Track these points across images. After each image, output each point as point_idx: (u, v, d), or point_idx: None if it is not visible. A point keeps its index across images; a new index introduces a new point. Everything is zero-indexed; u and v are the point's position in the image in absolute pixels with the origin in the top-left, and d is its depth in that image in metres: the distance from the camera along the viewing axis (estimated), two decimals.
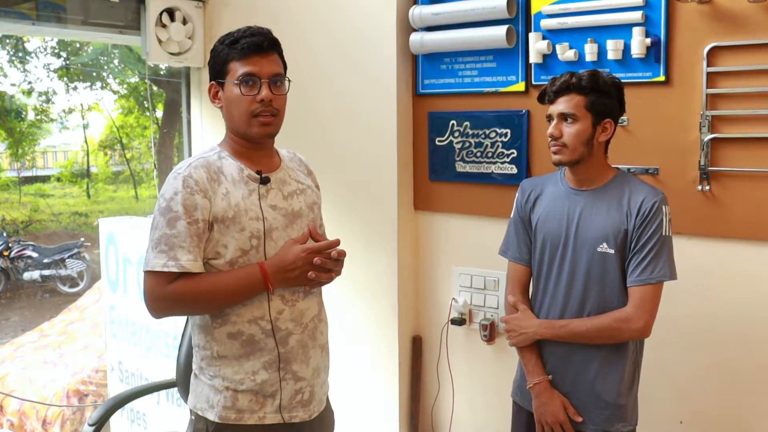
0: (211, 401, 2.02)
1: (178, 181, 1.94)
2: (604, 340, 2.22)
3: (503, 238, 2.50)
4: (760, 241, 2.51)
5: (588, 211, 2.24)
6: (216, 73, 2.03)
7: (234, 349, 2.00)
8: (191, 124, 4.13)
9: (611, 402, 2.23)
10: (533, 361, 2.34)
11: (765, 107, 2.46)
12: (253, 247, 1.98)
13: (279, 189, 2.06)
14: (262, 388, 2.01)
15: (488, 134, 3.07)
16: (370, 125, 3.31)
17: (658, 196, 2.19)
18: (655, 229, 2.15)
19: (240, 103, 1.98)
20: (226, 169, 2.01)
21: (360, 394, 3.46)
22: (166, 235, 1.91)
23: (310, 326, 2.08)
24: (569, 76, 2.20)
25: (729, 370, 2.61)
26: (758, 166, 2.48)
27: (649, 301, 2.16)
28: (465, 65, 3.12)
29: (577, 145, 2.20)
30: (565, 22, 2.80)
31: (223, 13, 3.84)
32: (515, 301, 2.41)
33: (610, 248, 2.19)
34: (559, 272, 2.30)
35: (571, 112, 2.19)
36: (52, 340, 6.53)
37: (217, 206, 1.94)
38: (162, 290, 1.92)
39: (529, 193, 2.41)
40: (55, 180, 18.09)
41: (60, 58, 14.73)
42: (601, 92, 2.20)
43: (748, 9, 2.44)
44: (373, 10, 3.25)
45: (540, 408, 2.31)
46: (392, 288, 3.30)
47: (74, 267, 11.43)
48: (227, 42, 2.00)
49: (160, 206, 1.95)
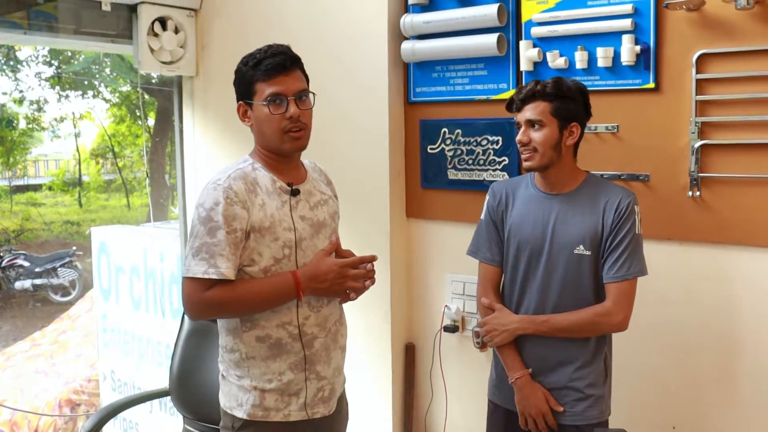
0: (240, 400, 2.14)
1: (219, 192, 2.03)
2: (584, 334, 2.32)
3: (472, 239, 2.56)
4: (750, 246, 2.52)
5: (563, 216, 2.32)
6: (243, 93, 2.14)
7: (262, 351, 2.12)
8: (183, 132, 4.13)
9: (589, 393, 2.32)
10: (512, 356, 2.41)
11: (754, 113, 2.47)
12: (285, 256, 2.10)
13: (306, 200, 2.19)
14: (288, 387, 2.14)
15: (480, 142, 3.08)
16: (363, 133, 3.31)
17: (630, 197, 2.29)
18: (629, 228, 2.25)
19: (270, 122, 2.09)
20: (261, 180, 2.12)
21: (353, 401, 3.44)
22: (207, 244, 2.01)
23: (333, 330, 2.24)
24: (534, 84, 2.29)
25: (721, 375, 2.62)
26: (748, 172, 2.49)
27: (626, 295, 2.26)
28: (456, 73, 3.13)
29: (546, 150, 2.27)
30: (555, 30, 2.82)
31: (214, 22, 3.85)
32: (490, 303, 2.47)
33: (587, 250, 2.28)
34: (534, 275, 2.37)
35: (537, 119, 2.28)
36: (44, 349, 6.52)
37: (255, 216, 2.05)
38: (200, 296, 2.02)
39: (500, 196, 2.48)
40: (46, 189, 18.06)
41: (51, 66, 14.72)
42: (566, 98, 2.27)
43: (736, 16, 2.46)
44: (364, 18, 3.26)
45: (523, 401, 2.38)
46: (385, 296, 3.31)
47: (66, 276, 11.41)
48: (251, 64, 2.10)
49: (200, 216, 2.04)
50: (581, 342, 2.33)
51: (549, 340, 2.34)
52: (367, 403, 3.41)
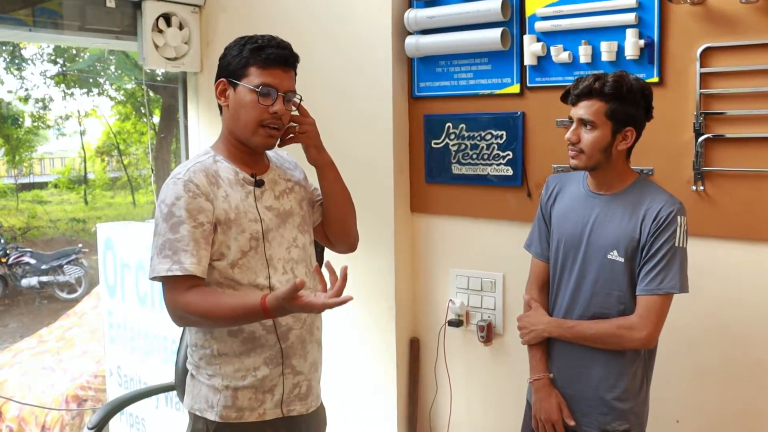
0: (210, 401, 2.05)
1: (179, 186, 1.95)
2: (607, 346, 2.21)
3: (529, 232, 2.49)
4: (754, 240, 2.53)
5: (603, 217, 2.21)
6: (230, 72, 2.03)
7: (235, 346, 2.03)
8: (188, 129, 4.14)
9: (615, 407, 2.22)
10: (538, 357, 2.36)
11: (758, 107, 2.47)
12: (252, 248, 2.02)
13: (271, 189, 2.11)
14: (263, 383, 2.04)
15: (484, 136, 3.08)
16: (367, 128, 3.32)
17: (675, 206, 2.14)
18: (668, 239, 2.11)
19: (251, 110, 1.99)
20: (222, 172, 2.04)
21: (358, 396, 3.46)
22: (170, 240, 1.93)
23: (308, 321, 2.13)
24: (593, 79, 2.14)
25: (725, 369, 2.63)
26: (752, 166, 2.49)
27: (654, 311, 2.13)
28: (460, 68, 3.13)
29: (594, 153, 2.16)
30: (559, 24, 2.82)
31: (219, 18, 3.86)
32: (529, 299, 2.42)
33: (620, 256, 2.17)
34: (569, 273, 2.29)
35: (590, 119, 2.14)
36: (51, 345, 6.54)
37: (219, 209, 1.97)
38: (174, 299, 1.94)
39: (552, 189, 2.40)
40: (52, 186, 18.07)
41: (57, 64, 14.75)
42: (625, 99, 2.13)
43: (740, 10, 2.46)
44: (369, 14, 3.27)
45: (537, 404, 2.34)
46: (389, 290, 3.31)
47: (72, 273, 11.43)
48: (250, 46, 2.01)
49: (162, 212, 1.96)
50: (612, 351, 2.22)
51: (579, 345, 2.26)
52: (372, 397, 3.42)
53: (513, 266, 3.07)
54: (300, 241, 2.13)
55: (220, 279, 2.00)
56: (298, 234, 2.14)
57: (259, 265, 2.03)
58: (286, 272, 2.08)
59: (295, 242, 2.12)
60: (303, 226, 2.17)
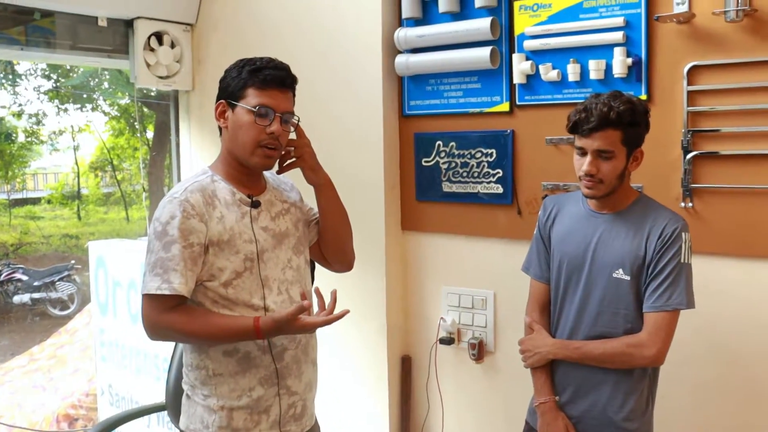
0: (206, 422, 2.05)
1: (174, 205, 1.97)
2: (616, 365, 2.19)
3: (527, 254, 2.47)
4: (743, 256, 2.54)
5: (607, 236, 2.20)
6: (229, 94, 2.06)
7: (230, 366, 2.03)
8: (180, 147, 4.15)
9: (621, 426, 2.20)
10: (542, 380, 2.33)
11: (745, 125, 2.49)
12: (247, 269, 2.02)
13: (268, 211, 2.11)
14: (258, 403, 2.05)
15: (474, 154, 3.09)
16: (358, 146, 3.33)
17: (679, 222, 2.14)
18: (674, 256, 2.10)
19: (249, 130, 2.01)
20: (219, 192, 2.05)
21: (350, 414, 3.45)
22: (162, 259, 1.94)
23: (303, 342, 2.13)
24: (607, 110, 2.08)
25: (718, 385, 2.63)
26: (740, 183, 2.51)
27: (663, 328, 2.12)
28: (450, 86, 3.15)
29: (612, 180, 2.14)
30: (547, 42, 2.84)
31: (211, 37, 3.87)
32: (530, 322, 2.39)
33: (626, 275, 2.15)
34: (573, 294, 2.26)
35: (609, 149, 2.10)
36: (42, 364, 6.52)
37: (213, 230, 1.98)
38: (157, 317, 1.95)
39: (550, 210, 2.38)
40: (45, 202, 18.05)
41: (50, 80, 14.77)
42: (636, 124, 2.12)
43: (726, 29, 2.48)
44: (359, 32, 3.28)
45: (543, 427, 2.30)
46: (381, 308, 3.31)
47: (65, 290, 11.39)
48: (249, 68, 2.03)
49: (156, 230, 1.97)
50: (619, 371, 2.19)
51: (585, 365, 2.23)
52: (364, 415, 3.42)
53: (504, 284, 3.07)
54: (294, 263, 2.14)
55: (215, 298, 2.01)
56: (293, 255, 2.15)
57: (254, 285, 2.03)
58: (281, 293, 2.08)
59: (290, 263, 2.13)
60: (298, 247, 2.18)
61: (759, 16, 2.43)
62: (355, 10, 3.29)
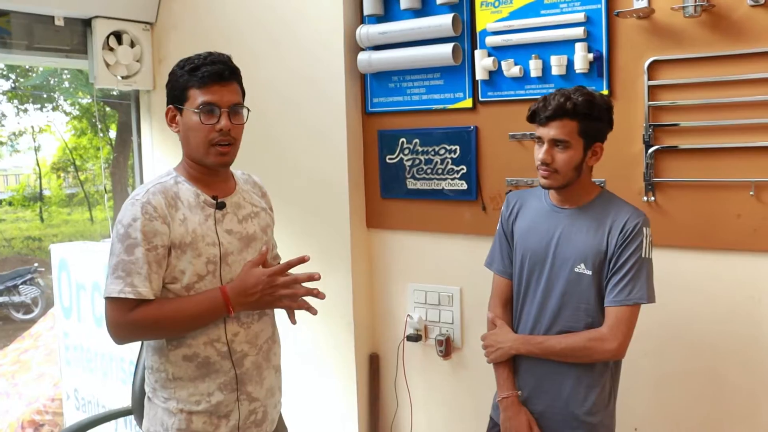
0: (165, 424, 2.03)
1: (137, 207, 1.94)
2: (577, 359, 2.20)
3: (490, 249, 2.48)
4: (705, 249, 2.57)
5: (568, 230, 2.22)
6: (174, 97, 2.04)
7: (189, 371, 2.01)
8: (142, 146, 4.09)
9: (584, 420, 2.22)
10: (505, 376, 2.34)
11: (705, 119, 2.52)
12: (210, 272, 2.00)
13: (234, 213, 2.09)
14: (217, 409, 2.03)
15: (438, 151, 3.09)
16: (321, 144, 3.31)
17: (640, 218, 2.17)
18: (635, 250, 2.13)
19: (198, 131, 1.99)
20: (183, 194, 2.02)
21: (319, 413, 3.44)
22: (124, 261, 1.92)
23: (265, 348, 2.12)
24: (564, 99, 2.12)
25: (681, 376, 2.66)
26: (701, 176, 2.54)
27: (624, 322, 2.14)
28: (413, 83, 3.14)
29: (567, 171, 2.16)
30: (509, 39, 2.84)
31: (171, 36, 3.82)
32: (493, 317, 2.40)
33: (588, 269, 2.17)
34: (535, 289, 2.28)
35: (563, 139, 2.13)
36: (6, 369, 6.40)
37: (175, 232, 1.95)
38: (123, 317, 1.92)
39: (513, 205, 2.39)
40: (6, 204, 17.73)
41: (9, 80, 14.49)
42: (594, 117, 2.15)
43: (685, 24, 2.51)
44: (321, 30, 3.26)
45: (505, 422, 2.32)
46: (347, 306, 3.30)
47: (28, 293, 11.21)
48: (187, 68, 2.01)
49: (119, 232, 1.95)
50: (580, 365, 2.21)
51: (547, 360, 2.24)
52: (333, 414, 3.41)
53: (470, 280, 3.08)
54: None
55: None
56: None
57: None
58: None
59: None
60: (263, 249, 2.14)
61: (717, 11, 2.46)
62: (316, 7, 3.27)
